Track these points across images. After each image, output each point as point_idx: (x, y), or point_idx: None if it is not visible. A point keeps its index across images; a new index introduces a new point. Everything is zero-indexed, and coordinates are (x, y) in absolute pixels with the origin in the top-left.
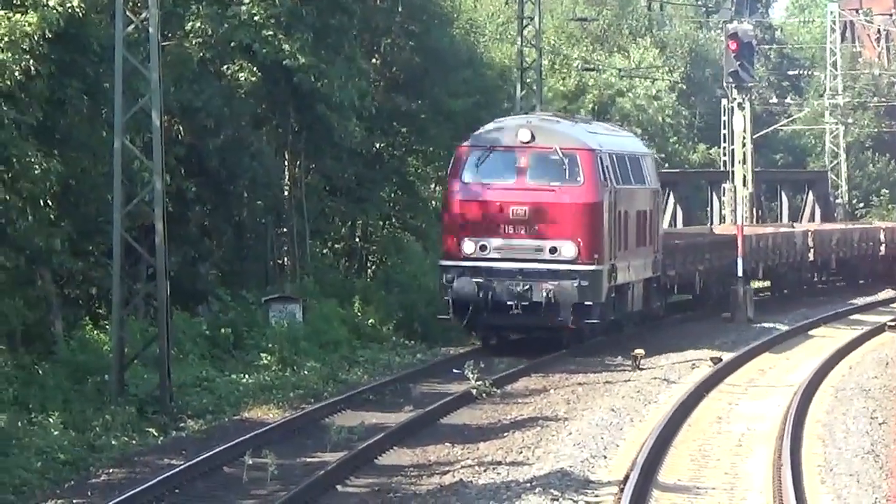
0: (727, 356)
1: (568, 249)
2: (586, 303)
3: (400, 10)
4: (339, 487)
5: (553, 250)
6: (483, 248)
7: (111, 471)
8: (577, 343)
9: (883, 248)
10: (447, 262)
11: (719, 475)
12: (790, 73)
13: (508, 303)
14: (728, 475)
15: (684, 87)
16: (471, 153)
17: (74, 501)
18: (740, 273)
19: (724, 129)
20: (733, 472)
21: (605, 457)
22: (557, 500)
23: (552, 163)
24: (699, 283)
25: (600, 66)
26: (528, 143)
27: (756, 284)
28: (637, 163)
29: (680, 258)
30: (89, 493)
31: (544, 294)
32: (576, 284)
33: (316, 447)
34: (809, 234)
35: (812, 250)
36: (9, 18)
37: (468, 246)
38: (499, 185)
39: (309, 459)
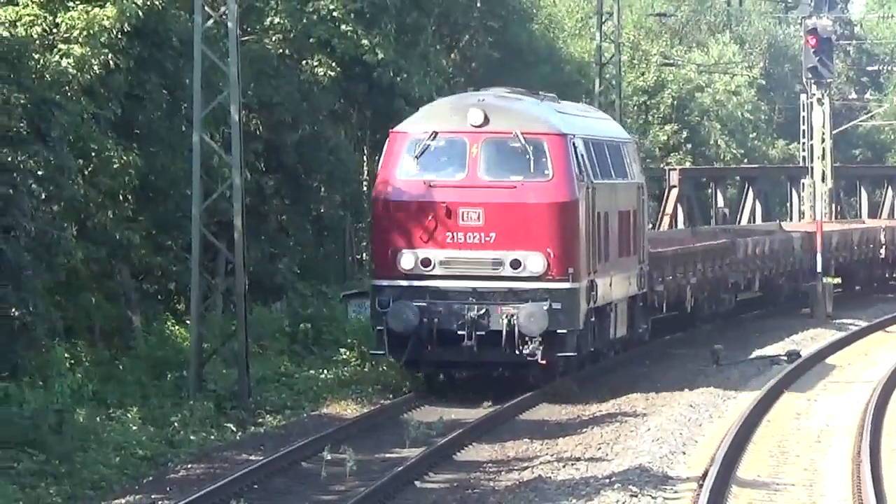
0: (806, 351)
1: (535, 262)
2: (559, 331)
3: (479, 5)
4: (417, 483)
5: (516, 264)
6: (426, 262)
7: (189, 466)
8: (549, 381)
9: None
10: (380, 282)
11: (798, 471)
12: (869, 68)
13: (459, 333)
14: (807, 471)
15: (763, 82)
16: (408, 141)
17: (153, 497)
18: (819, 269)
19: (804, 124)
20: (812, 468)
21: (684, 453)
22: (636, 496)
23: (512, 152)
24: (690, 299)
25: (679, 62)
26: (480, 126)
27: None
28: (618, 151)
29: (669, 270)
30: (167, 489)
31: (505, 321)
32: (546, 307)
33: (394, 443)
34: (882, 230)
35: (884, 247)
36: (87, 12)
37: (407, 260)
38: (444, 181)
39: (387, 455)
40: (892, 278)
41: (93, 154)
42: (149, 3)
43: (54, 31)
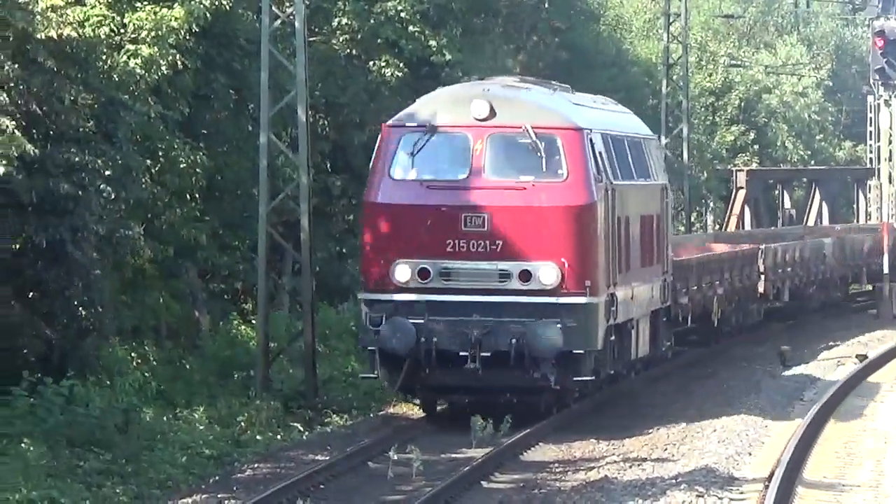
0: (873, 353)
1: (547, 274)
2: (575, 352)
3: (546, 6)
4: (483, 483)
5: (525, 276)
6: (423, 274)
7: (256, 466)
8: (563, 408)
9: None
10: (372, 296)
11: (865, 473)
12: None
13: (461, 354)
14: (873, 473)
15: (830, 83)
16: (403, 137)
17: (219, 496)
18: (886, 270)
19: (871, 126)
20: (878, 469)
21: (750, 454)
22: (702, 496)
23: (522, 148)
24: (717, 311)
25: (746, 63)
26: (486, 120)
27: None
28: (640, 148)
29: (694, 280)
30: (234, 489)
31: (513, 340)
32: (559, 325)
33: (460, 443)
34: None
35: None
36: (155, 13)
37: (402, 272)
38: (444, 182)
39: (454, 455)
40: None
41: (160, 154)
42: (216, 3)
43: (122, 31)
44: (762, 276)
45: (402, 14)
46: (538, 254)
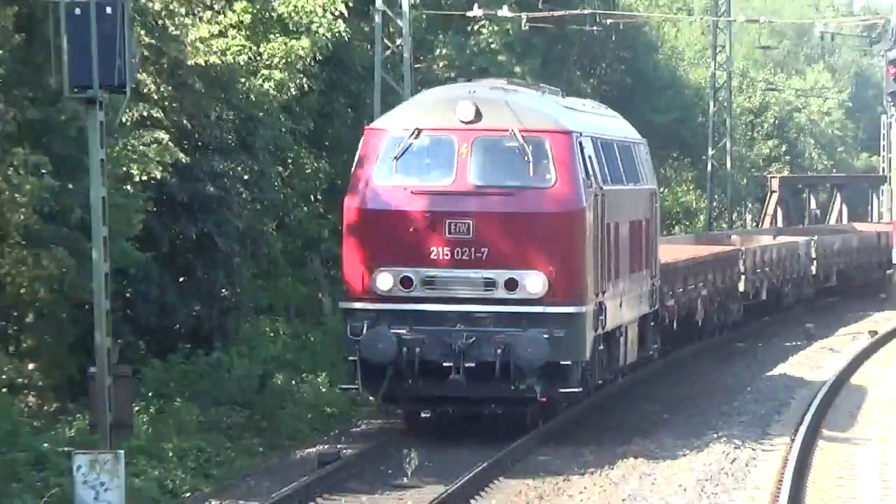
0: (883, 329)
1: (534, 283)
2: (562, 363)
3: (613, 39)
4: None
5: (512, 284)
6: (406, 282)
7: (370, 422)
8: (549, 420)
9: None
10: (352, 304)
11: (875, 429)
12: None
13: (445, 365)
14: (882, 429)
15: (850, 104)
16: (386, 139)
17: (338, 446)
18: (895, 260)
19: (884, 140)
20: (886, 426)
21: (779, 413)
22: (739, 448)
23: (508, 152)
24: (701, 312)
25: (780, 87)
26: (471, 122)
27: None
28: (629, 153)
29: (680, 283)
30: (351, 440)
31: (498, 351)
32: (546, 335)
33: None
34: None
35: None
36: (286, 43)
37: (383, 280)
38: (428, 187)
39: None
40: None
41: (289, 162)
42: (337, 35)
43: (258, 58)
44: (742, 277)
45: (493, 45)
46: (525, 262)
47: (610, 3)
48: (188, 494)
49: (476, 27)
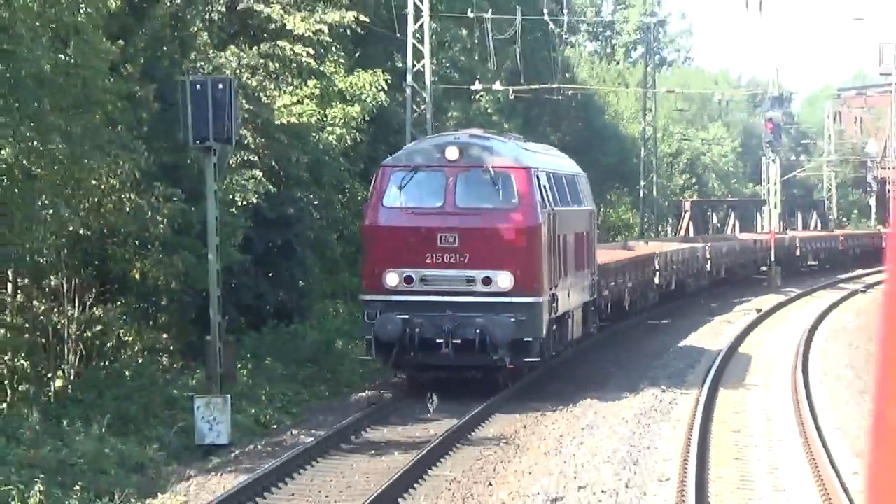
0: (765, 308)
1: (504, 280)
2: (525, 339)
3: (573, 104)
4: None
5: (487, 281)
6: (408, 280)
7: (402, 376)
8: (516, 382)
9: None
10: (369, 297)
11: (761, 378)
12: (803, 141)
13: (438, 341)
14: (765, 378)
15: (741, 149)
16: (393, 174)
17: (381, 391)
18: (772, 259)
19: (764, 174)
20: (768, 375)
21: (693, 367)
22: (664, 392)
23: (484, 183)
24: (628, 299)
25: (691, 137)
26: (456, 161)
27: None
28: (574, 183)
29: (612, 278)
30: (390, 388)
31: (478, 331)
32: (513, 319)
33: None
34: (798, 238)
35: (798, 248)
36: (343, 109)
37: (391, 278)
38: (425, 208)
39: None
40: (805, 266)
41: (347, 191)
42: (380, 103)
43: (324, 119)
44: (657, 273)
45: (488, 109)
46: (497, 264)
47: (571, 79)
48: (276, 426)
49: (477, 96)
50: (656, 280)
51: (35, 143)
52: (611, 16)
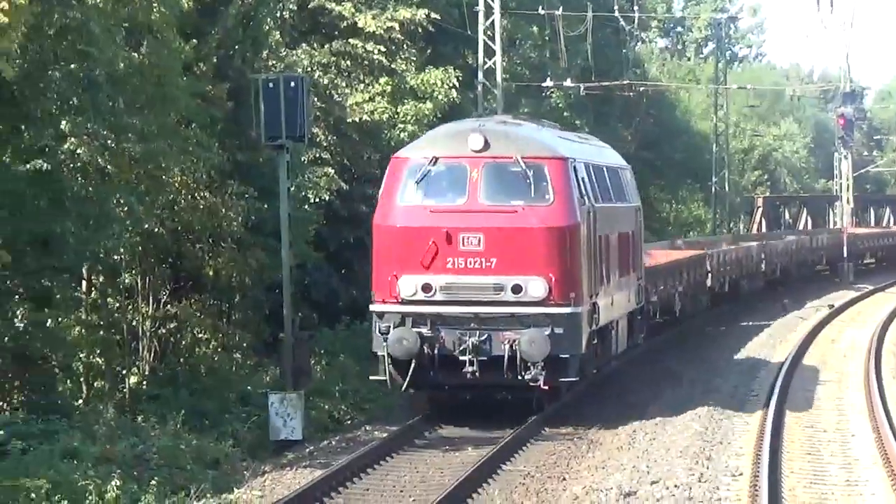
0: (838, 303)
1: (536, 287)
2: (562, 356)
3: (645, 100)
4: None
5: (517, 289)
6: (426, 288)
7: None
8: (552, 403)
9: None
10: (381, 307)
11: (833, 372)
12: (876, 136)
13: (461, 358)
14: (838, 372)
15: (812, 145)
16: (409, 166)
17: None
18: (846, 254)
19: (836, 170)
20: (841, 370)
21: (766, 362)
22: (747, 375)
23: (513, 176)
24: (678, 304)
25: (762, 133)
26: (481, 151)
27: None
28: (617, 176)
29: (661, 282)
30: None
31: (507, 346)
32: (547, 333)
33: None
34: (857, 235)
35: (859, 244)
36: (416, 106)
37: (407, 286)
38: (444, 206)
39: None
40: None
41: None
42: (451, 100)
43: (396, 116)
44: (709, 274)
45: (559, 105)
46: (528, 269)
47: (641, 76)
48: (349, 422)
49: (547, 93)
50: (708, 282)
51: (110, 141)
52: (682, 12)
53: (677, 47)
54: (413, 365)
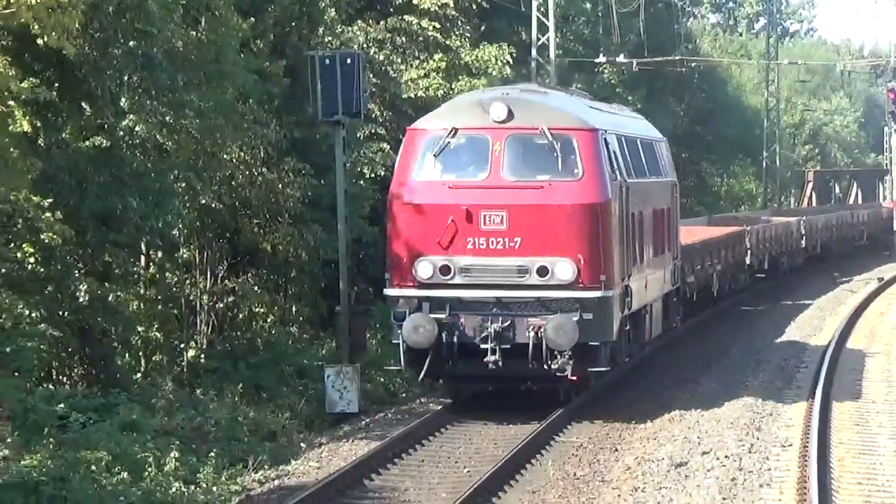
0: (888, 276)
1: (564, 269)
2: (591, 343)
3: (696, 76)
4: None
5: (543, 271)
6: (445, 270)
7: None
8: (580, 394)
9: None
10: (396, 292)
11: (882, 345)
12: None
13: (482, 346)
14: (886, 345)
15: (862, 119)
16: (426, 139)
17: None
18: (895, 228)
19: (886, 144)
20: (890, 343)
21: (815, 335)
22: (788, 358)
23: (539, 149)
24: (716, 285)
25: (813, 108)
26: (504, 122)
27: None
28: (651, 149)
29: (698, 261)
30: None
31: (532, 333)
32: (576, 319)
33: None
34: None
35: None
36: (469, 82)
37: (424, 268)
38: (465, 182)
39: None
40: None
41: None
42: (505, 76)
43: (450, 93)
44: (749, 252)
45: (612, 82)
46: (555, 250)
47: (693, 52)
48: (404, 394)
49: (601, 69)
50: (748, 260)
51: (168, 118)
52: None
53: (729, 23)
54: (430, 354)
